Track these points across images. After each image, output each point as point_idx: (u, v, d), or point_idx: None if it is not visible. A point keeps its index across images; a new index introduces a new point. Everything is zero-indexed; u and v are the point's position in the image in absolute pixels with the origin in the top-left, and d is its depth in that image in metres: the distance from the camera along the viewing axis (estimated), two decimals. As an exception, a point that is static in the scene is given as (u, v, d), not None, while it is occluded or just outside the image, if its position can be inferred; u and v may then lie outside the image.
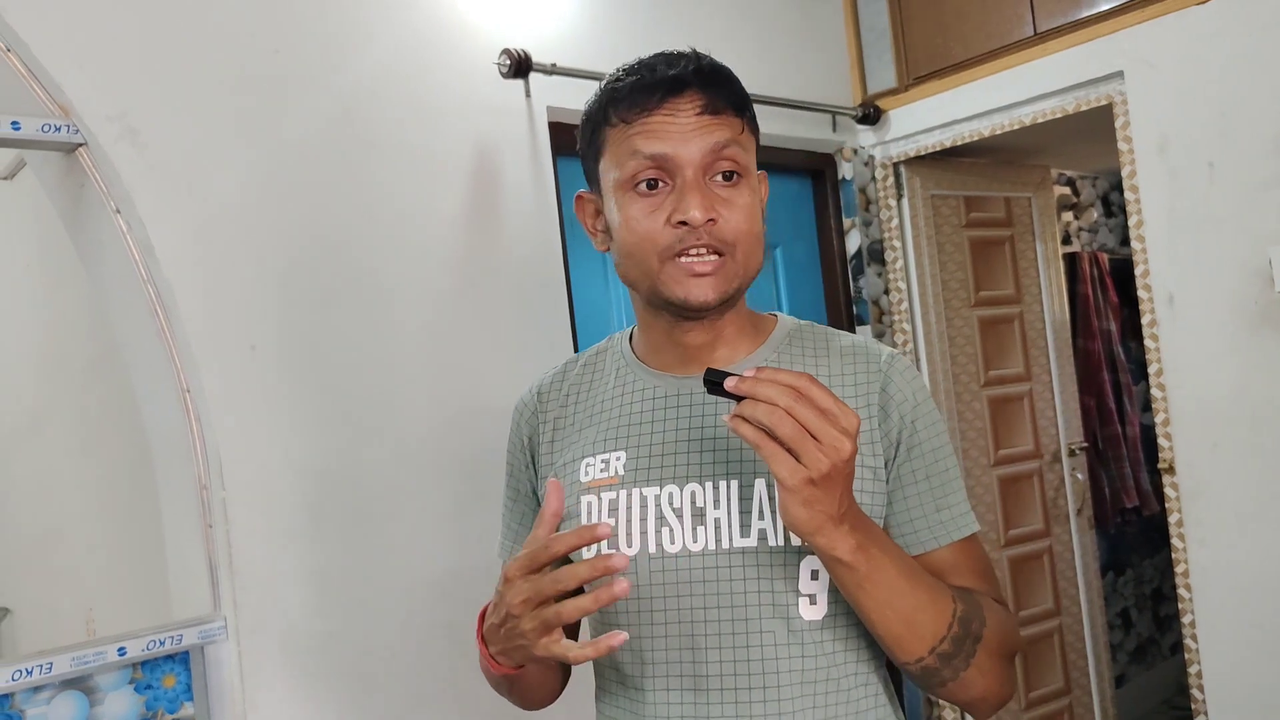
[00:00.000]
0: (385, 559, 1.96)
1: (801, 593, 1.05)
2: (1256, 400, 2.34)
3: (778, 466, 0.88)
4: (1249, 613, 2.39)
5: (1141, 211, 2.53)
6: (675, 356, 1.16)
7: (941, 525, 1.10)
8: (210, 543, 1.78)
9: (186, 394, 1.79)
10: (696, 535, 1.07)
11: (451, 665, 2.02)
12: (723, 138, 1.06)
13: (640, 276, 1.09)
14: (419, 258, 2.08)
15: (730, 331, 1.15)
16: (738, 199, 1.06)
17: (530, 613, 0.94)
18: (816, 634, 1.06)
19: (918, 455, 1.11)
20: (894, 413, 1.10)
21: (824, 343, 1.17)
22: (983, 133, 2.91)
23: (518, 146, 2.27)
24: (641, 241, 1.06)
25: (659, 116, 1.06)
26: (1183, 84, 2.42)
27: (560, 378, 1.26)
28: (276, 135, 1.91)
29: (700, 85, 1.07)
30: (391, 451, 2.00)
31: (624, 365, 1.21)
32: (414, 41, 2.12)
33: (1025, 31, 2.75)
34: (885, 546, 0.98)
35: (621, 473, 1.12)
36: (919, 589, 0.99)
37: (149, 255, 1.75)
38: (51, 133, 1.67)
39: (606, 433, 1.16)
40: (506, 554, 1.27)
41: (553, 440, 1.22)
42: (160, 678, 1.71)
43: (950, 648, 1.00)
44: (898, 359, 1.15)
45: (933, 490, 1.11)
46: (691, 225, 1.03)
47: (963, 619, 1.01)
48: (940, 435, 1.13)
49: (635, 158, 1.06)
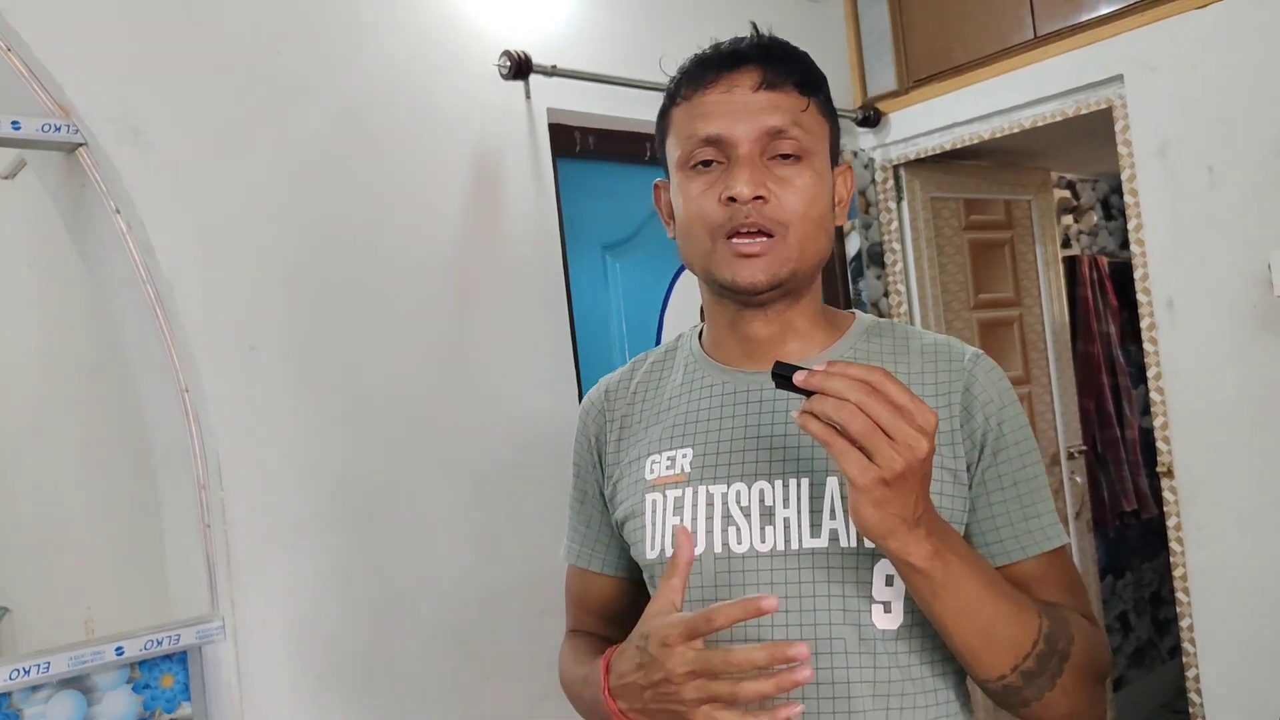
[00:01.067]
0: (386, 561, 1.96)
1: (875, 599, 1.00)
2: (1256, 404, 2.34)
3: (848, 465, 0.83)
4: (1247, 617, 2.39)
5: (1141, 215, 2.53)
6: (741, 350, 1.12)
7: (1029, 535, 1.04)
8: (209, 543, 1.78)
9: (186, 394, 1.79)
10: (765, 535, 1.03)
11: (453, 668, 2.02)
12: (780, 117, 1.02)
13: (695, 257, 1.07)
14: (419, 259, 2.08)
15: (801, 325, 1.11)
16: (796, 179, 1.03)
17: (695, 684, 0.89)
18: (890, 644, 1.00)
19: (1004, 460, 1.05)
20: (978, 414, 1.05)
21: (904, 340, 1.12)
22: (983, 135, 2.91)
23: (518, 148, 2.27)
24: (694, 220, 1.05)
25: (715, 93, 1.04)
26: (1183, 88, 2.43)
27: (629, 375, 1.24)
28: (277, 136, 1.91)
29: (760, 60, 1.04)
30: (392, 453, 2.00)
31: (692, 361, 1.17)
32: (415, 42, 2.12)
33: (1025, 34, 2.75)
34: (963, 554, 0.92)
35: (688, 470, 1.08)
36: (1000, 601, 0.93)
37: (149, 255, 1.75)
38: (52, 133, 1.67)
39: (673, 429, 1.12)
40: (573, 557, 1.25)
41: (619, 438, 1.19)
42: (158, 677, 1.71)
43: (1034, 665, 0.94)
44: (983, 359, 1.09)
45: (1020, 498, 1.05)
46: (739, 201, 1.00)
47: (1049, 635, 0.95)
48: (1027, 440, 1.07)
49: (691, 138, 1.05)
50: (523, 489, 2.18)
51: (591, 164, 2.54)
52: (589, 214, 2.54)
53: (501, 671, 2.10)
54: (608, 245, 2.60)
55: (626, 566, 1.22)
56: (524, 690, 2.12)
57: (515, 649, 2.12)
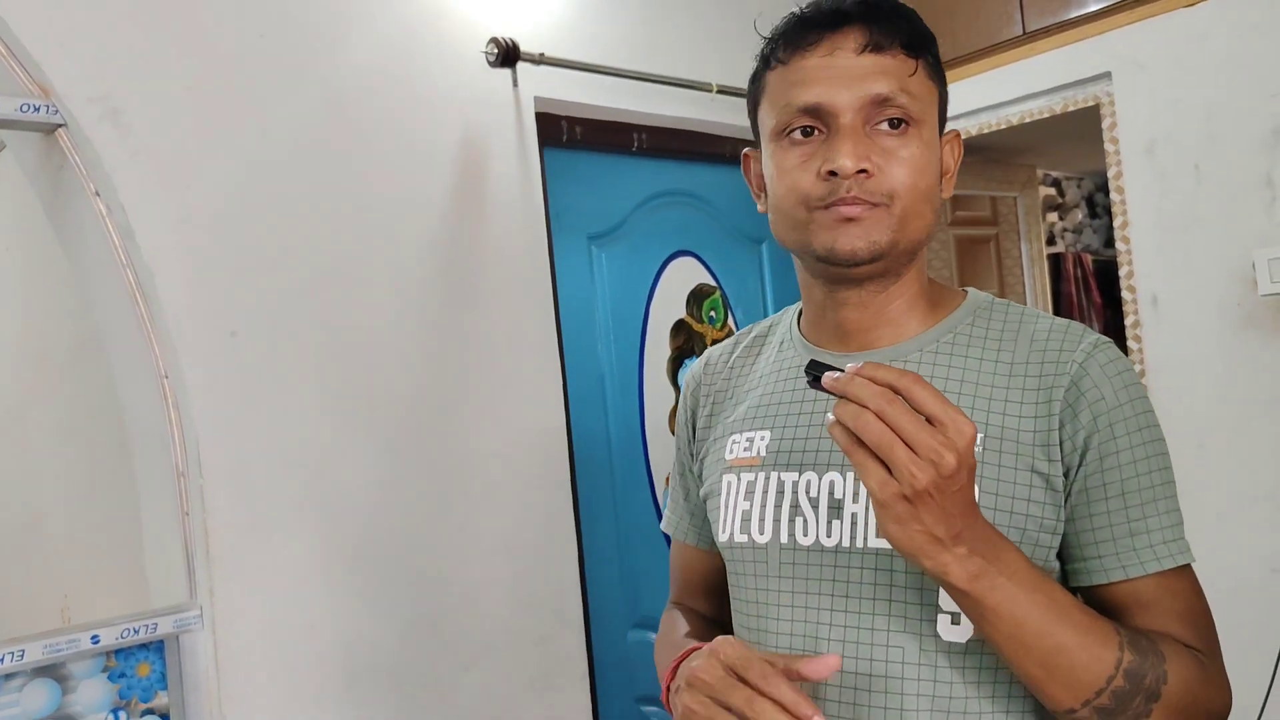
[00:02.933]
0: (365, 550, 1.95)
1: (942, 609, 0.93)
2: (1238, 402, 2.35)
3: (866, 478, 0.78)
4: (1227, 614, 2.39)
5: (1127, 212, 2.53)
6: (833, 332, 1.05)
7: (1134, 552, 0.93)
8: (188, 531, 1.76)
9: (165, 380, 1.77)
10: (831, 529, 0.98)
11: (432, 658, 2.01)
12: (886, 83, 0.94)
13: (789, 231, 0.99)
14: (403, 247, 2.07)
15: (897, 309, 1.03)
16: (902, 150, 0.95)
17: (703, 697, 0.87)
18: (958, 658, 0.93)
19: (1112, 466, 0.94)
20: (1084, 413, 0.94)
21: (1015, 325, 1.02)
22: (970, 131, 2.91)
23: (504, 136, 2.26)
24: (789, 193, 0.97)
25: (816, 58, 0.96)
26: (1170, 86, 2.43)
27: (730, 349, 1.19)
28: (261, 120, 1.89)
29: (865, 19, 0.95)
30: (373, 442, 1.98)
31: (788, 340, 1.12)
32: (401, 28, 2.10)
33: (1014, 31, 2.75)
34: (1020, 575, 0.83)
35: (763, 454, 1.04)
36: (1064, 628, 0.84)
37: (129, 239, 1.73)
38: (30, 113, 1.65)
39: (756, 410, 1.08)
40: (671, 528, 1.23)
41: (710, 414, 1.15)
42: (134, 666, 1.69)
43: (1110, 702, 0.85)
44: (1104, 348, 0.97)
45: (1128, 509, 0.93)
46: (841, 175, 0.92)
47: (1130, 671, 0.85)
48: (1149, 444, 0.96)
49: (788, 107, 0.96)
50: (505, 479, 2.16)
51: (578, 153, 2.53)
52: (575, 204, 2.53)
53: (480, 662, 2.09)
54: (593, 236, 2.58)
55: None
56: (503, 681, 2.11)
57: (495, 639, 2.11)
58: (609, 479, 2.52)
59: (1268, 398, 2.30)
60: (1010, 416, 0.96)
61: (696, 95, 2.60)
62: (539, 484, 2.23)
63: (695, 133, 2.74)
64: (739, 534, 1.04)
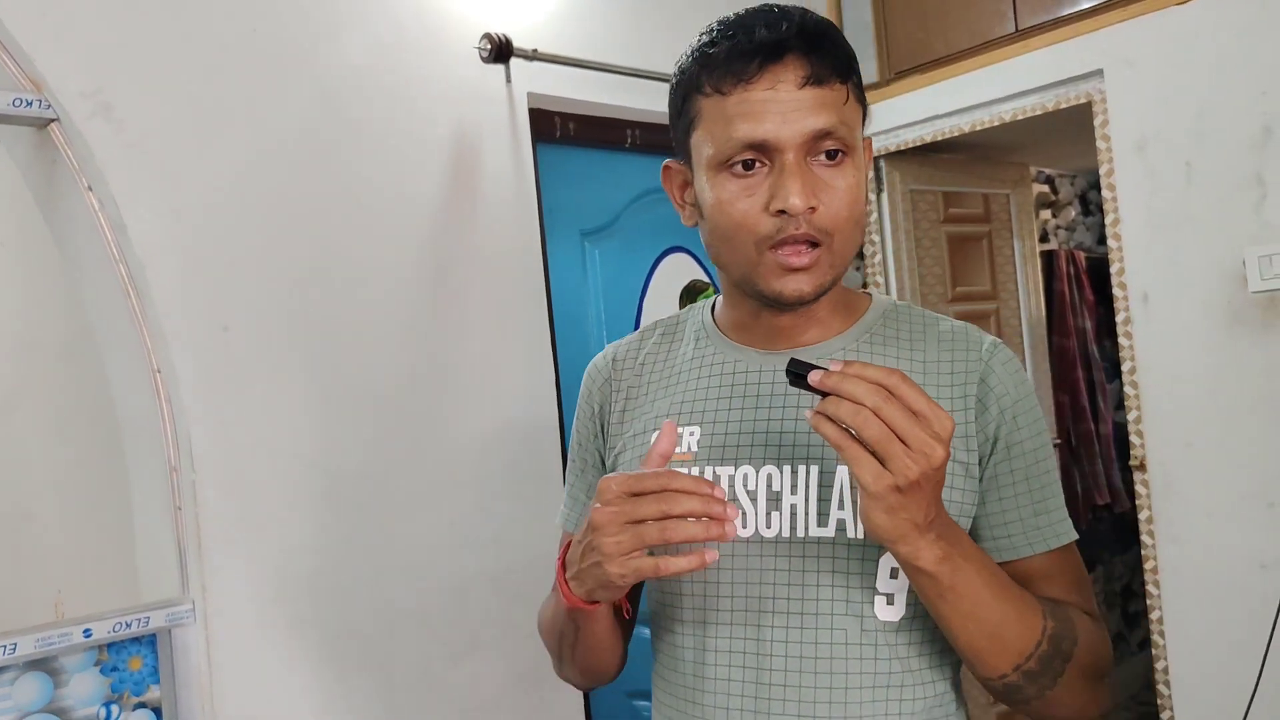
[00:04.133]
0: (356, 544, 1.95)
1: (879, 591, 0.99)
2: (1228, 399, 2.36)
3: (861, 471, 0.81)
4: (1217, 610, 2.41)
5: (1119, 210, 2.54)
6: (761, 333, 1.09)
7: (1038, 531, 1.03)
8: (179, 525, 1.77)
9: (157, 374, 1.77)
10: (771, 521, 1.01)
11: (422, 651, 2.02)
12: (826, 117, 0.96)
13: (733, 263, 1.02)
14: (396, 242, 2.07)
15: (823, 312, 1.08)
16: (840, 181, 0.98)
17: (621, 528, 0.87)
18: (891, 636, 0.99)
19: (1018, 455, 1.03)
20: (993, 406, 1.02)
21: (921, 326, 1.09)
22: (963, 129, 2.91)
23: (498, 132, 2.26)
24: (738, 228, 0.98)
25: (758, 90, 0.96)
26: (1162, 84, 2.44)
27: (638, 344, 1.20)
28: (253, 115, 1.89)
29: (804, 50, 0.96)
30: (364, 436, 1.99)
31: (704, 336, 1.14)
32: (394, 23, 2.11)
33: (1007, 28, 2.75)
34: (971, 556, 0.91)
35: (695, 449, 1.06)
36: (1006, 602, 0.92)
37: (121, 234, 1.73)
38: (23, 107, 1.65)
39: (681, 405, 1.10)
40: (572, 525, 1.22)
41: (624, 409, 1.15)
42: (126, 660, 1.69)
43: (1037, 665, 0.94)
44: (1001, 349, 1.07)
45: (1031, 493, 1.03)
46: (791, 213, 0.95)
47: (1053, 636, 0.95)
48: (1042, 435, 1.05)
49: (731, 141, 0.97)
50: (495, 474, 2.17)
51: (572, 149, 2.53)
52: (568, 200, 2.53)
53: (470, 655, 2.09)
54: (587, 232, 2.59)
55: None
56: (493, 673, 2.12)
57: (484, 633, 2.12)
58: (601, 474, 2.52)
59: (1257, 394, 2.32)
60: None
61: (690, 91, 2.59)
62: (530, 478, 2.23)
63: (688, 129, 2.74)
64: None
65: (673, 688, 1.08)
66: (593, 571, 0.91)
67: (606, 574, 0.89)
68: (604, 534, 0.88)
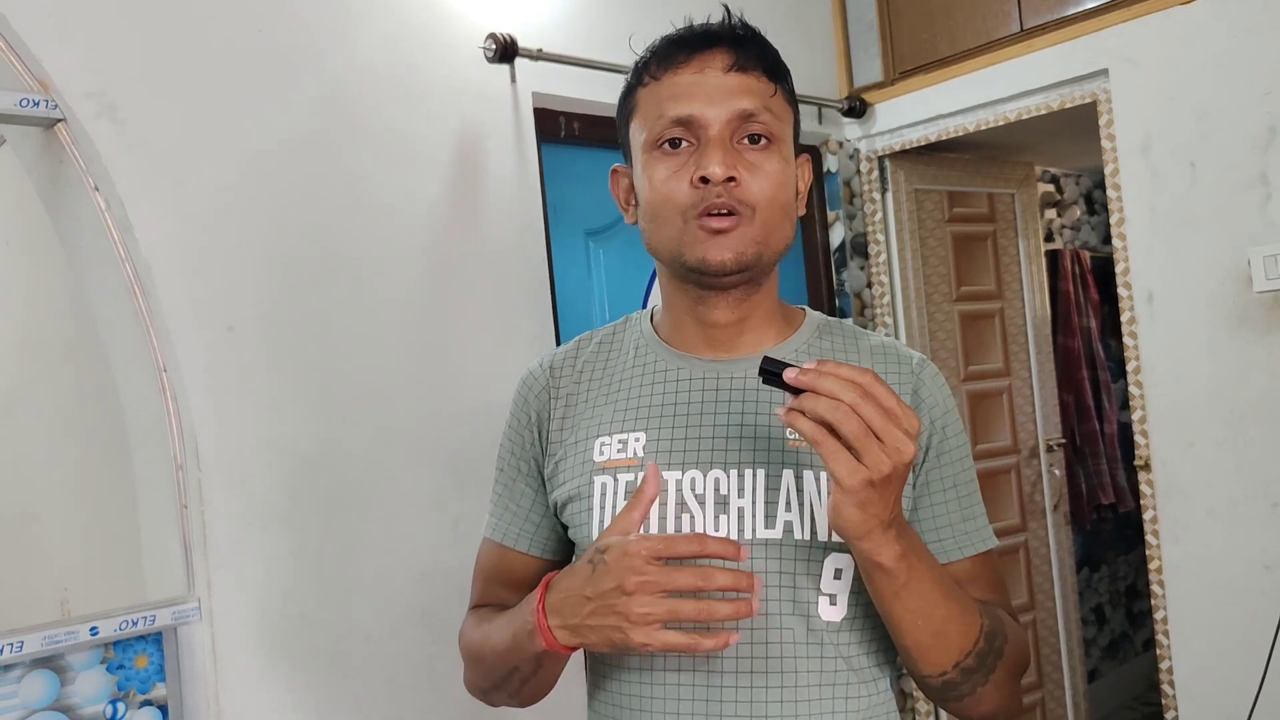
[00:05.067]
0: (362, 543, 1.96)
1: (823, 591, 1.02)
2: (1233, 399, 2.36)
3: (837, 465, 0.84)
4: (1221, 610, 2.41)
5: (1123, 209, 2.54)
6: (699, 337, 1.12)
7: (966, 536, 1.08)
8: (185, 524, 1.77)
9: (163, 374, 1.77)
10: (718, 524, 1.03)
11: (427, 651, 2.02)
12: (751, 100, 1.03)
13: (662, 241, 1.06)
14: (401, 242, 2.07)
15: (758, 317, 1.11)
16: (765, 163, 1.03)
17: (650, 598, 0.89)
18: (835, 635, 1.02)
19: (947, 463, 1.08)
20: (924, 416, 1.07)
21: (853, 340, 1.14)
22: (968, 128, 2.91)
23: (502, 132, 2.26)
24: (664, 202, 1.04)
25: (687, 74, 1.04)
26: (1166, 83, 2.44)
27: (574, 353, 1.21)
28: (259, 115, 1.90)
29: (732, 43, 1.05)
30: (370, 436, 1.99)
31: (644, 344, 1.16)
32: (399, 23, 2.11)
33: (1012, 28, 2.75)
34: (923, 555, 0.95)
35: (641, 454, 1.07)
36: (951, 601, 0.96)
37: (127, 234, 1.73)
38: (29, 107, 1.65)
39: (625, 412, 1.11)
40: (499, 535, 1.20)
41: (564, 417, 1.16)
42: (132, 658, 1.70)
43: (974, 663, 0.98)
44: (928, 364, 1.12)
45: (960, 500, 1.08)
46: (712, 181, 1.00)
47: (988, 634, 0.99)
48: (965, 445, 1.11)
49: (661, 119, 1.04)
50: (502, 474, 2.17)
51: (576, 149, 2.53)
52: (573, 199, 2.53)
53: (478, 656, 2.09)
54: (591, 231, 2.59)
55: (555, 548, 1.19)
56: (501, 675, 2.12)
57: (492, 634, 2.12)
58: (605, 474, 2.52)
59: (1262, 394, 2.32)
60: None
61: (694, 91, 2.60)
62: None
63: (693, 129, 2.74)
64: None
65: (620, 686, 1.08)
66: (607, 632, 0.92)
67: (628, 639, 0.90)
68: (634, 601, 0.89)
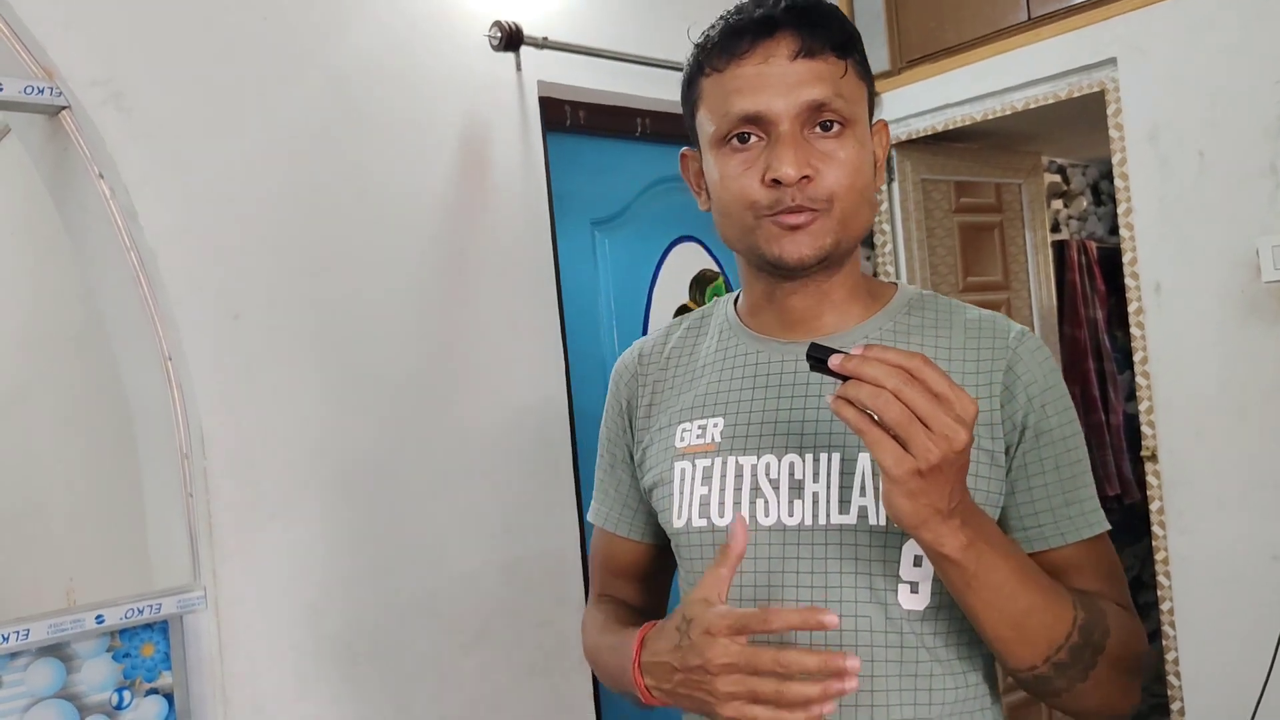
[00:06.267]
0: (367, 532, 1.96)
1: (902, 579, 0.98)
2: (1240, 390, 2.35)
3: (882, 454, 0.80)
4: (1227, 601, 2.41)
5: (1131, 199, 2.53)
6: (778, 320, 1.09)
7: (1069, 521, 1.02)
8: (191, 512, 1.77)
9: (169, 362, 1.77)
10: (793, 509, 1.01)
11: (433, 641, 2.02)
12: (821, 89, 0.97)
13: (737, 236, 1.03)
14: (406, 230, 2.07)
15: (839, 296, 1.07)
16: (839, 152, 0.98)
17: (734, 677, 0.87)
18: (918, 625, 0.98)
19: (1046, 443, 1.01)
20: (1020, 394, 1.01)
21: (947, 314, 1.08)
22: (975, 117, 2.90)
23: (508, 121, 2.26)
24: (735, 200, 1.00)
25: (750, 65, 0.98)
26: (1175, 72, 2.42)
27: (663, 340, 1.21)
28: (264, 103, 1.89)
29: (795, 24, 0.98)
30: (375, 425, 1.99)
31: (727, 328, 1.15)
32: (404, 12, 2.10)
33: (1019, 16, 2.73)
34: (997, 544, 0.89)
35: (718, 440, 1.06)
36: (1033, 592, 0.90)
37: (132, 221, 1.73)
38: (35, 95, 1.65)
39: (705, 398, 1.10)
40: (601, 520, 1.23)
41: (650, 404, 1.16)
42: (139, 646, 1.70)
43: (1067, 657, 0.92)
44: (1029, 336, 1.05)
45: (1062, 482, 1.02)
46: (785, 183, 0.96)
47: (1084, 627, 0.93)
48: (1072, 424, 1.04)
49: (728, 115, 0.99)
50: (506, 463, 2.17)
51: (582, 138, 2.53)
52: (578, 189, 2.53)
53: (480, 645, 2.10)
54: (597, 221, 2.58)
55: (655, 533, 1.21)
56: (503, 664, 2.13)
57: (495, 623, 2.12)
58: (611, 463, 2.52)
59: (1269, 385, 2.31)
60: None
61: (700, 80, 2.59)
62: (540, 467, 2.24)
63: (699, 118, 2.74)
64: (697, 519, 1.06)
65: None
66: (697, 702, 0.91)
67: (716, 713, 0.89)
68: (719, 681, 0.88)
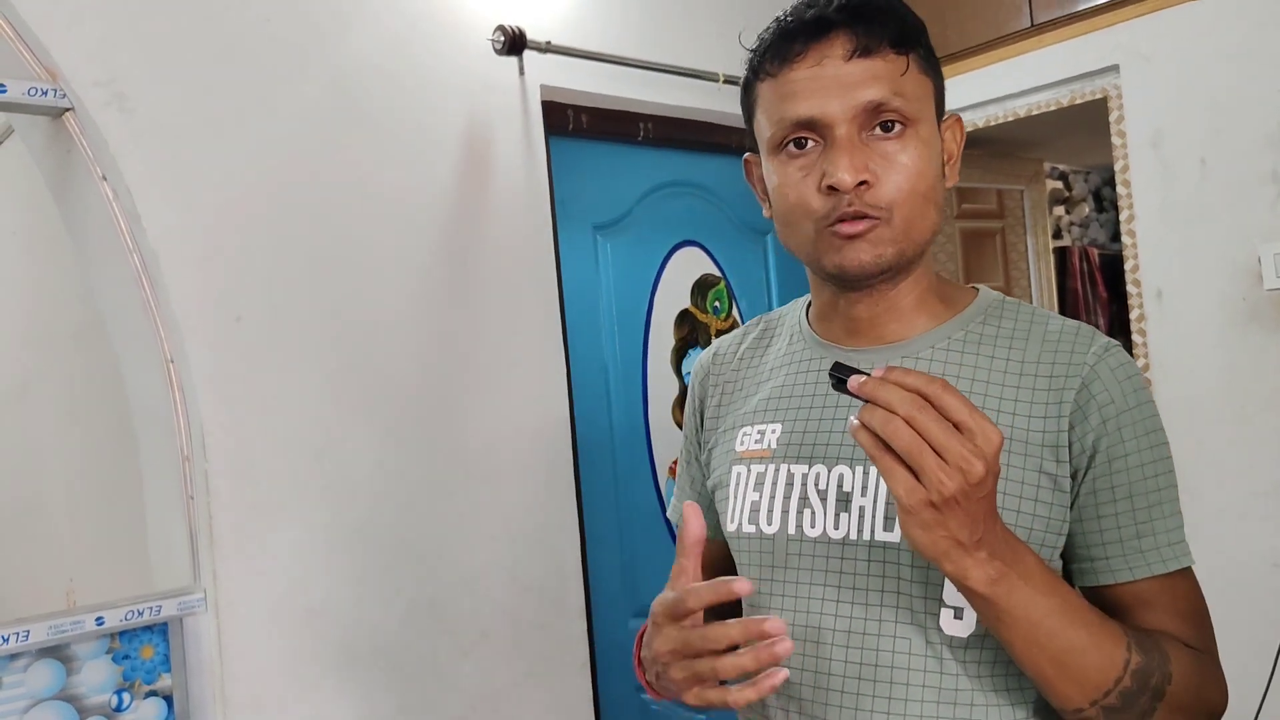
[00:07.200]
0: (368, 534, 1.96)
1: (945, 603, 0.93)
2: (1242, 397, 2.35)
3: (894, 484, 0.77)
4: (1229, 609, 2.39)
5: (1133, 206, 2.53)
6: (844, 328, 1.06)
7: (1140, 554, 0.94)
8: (191, 514, 1.77)
9: (170, 364, 1.77)
10: (839, 522, 0.98)
11: (433, 643, 2.02)
12: (878, 88, 0.93)
13: (798, 245, 1.00)
14: (408, 234, 2.07)
15: (907, 303, 1.03)
16: (900, 154, 0.94)
17: (679, 663, 0.86)
18: (960, 652, 0.94)
19: (1120, 469, 0.94)
20: (1094, 416, 0.94)
21: (1026, 324, 1.01)
22: (977, 124, 2.90)
23: (510, 125, 2.26)
24: (794, 208, 0.97)
25: (803, 69, 0.95)
26: (1177, 79, 2.42)
27: (739, 340, 1.20)
28: (266, 105, 1.89)
29: (848, 23, 0.94)
30: (376, 427, 1.99)
31: (797, 333, 1.13)
32: (407, 15, 2.10)
33: (1022, 23, 2.74)
34: (1035, 578, 0.84)
35: (774, 446, 1.04)
36: (1076, 631, 0.85)
37: (135, 223, 1.73)
38: (38, 96, 1.65)
39: (767, 403, 1.09)
40: (677, 517, 1.22)
41: (720, 404, 1.16)
42: (138, 648, 1.70)
43: (1117, 701, 0.86)
44: (1113, 353, 0.98)
45: (1135, 512, 0.94)
46: (841, 190, 0.92)
47: (1138, 671, 0.87)
48: (1156, 448, 0.97)
49: (783, 121, 0.96)
50: (507, 466, 2.17)
51: (584, 143, 2.53)
52: (580, 193, 2.52)
53: (480, 647, 2.09)
54: (599, 225, 2.58)
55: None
56: (503, 666, 2.12)
57: (495, 625, 2.12)
58: (611, 467, 2.52)
59: (1271, 393, 2.30)
60: (1020, 417, 0.96)
61: (703, 85, 2.59)
62: (541, 471, 2.24)
63: (701, 123, 2.74)
64: (747, 524, 1.05)
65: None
66: (672, 693, 0.91)
67: (683, 701, 0.89)
68: (672, 668, 0.88)
